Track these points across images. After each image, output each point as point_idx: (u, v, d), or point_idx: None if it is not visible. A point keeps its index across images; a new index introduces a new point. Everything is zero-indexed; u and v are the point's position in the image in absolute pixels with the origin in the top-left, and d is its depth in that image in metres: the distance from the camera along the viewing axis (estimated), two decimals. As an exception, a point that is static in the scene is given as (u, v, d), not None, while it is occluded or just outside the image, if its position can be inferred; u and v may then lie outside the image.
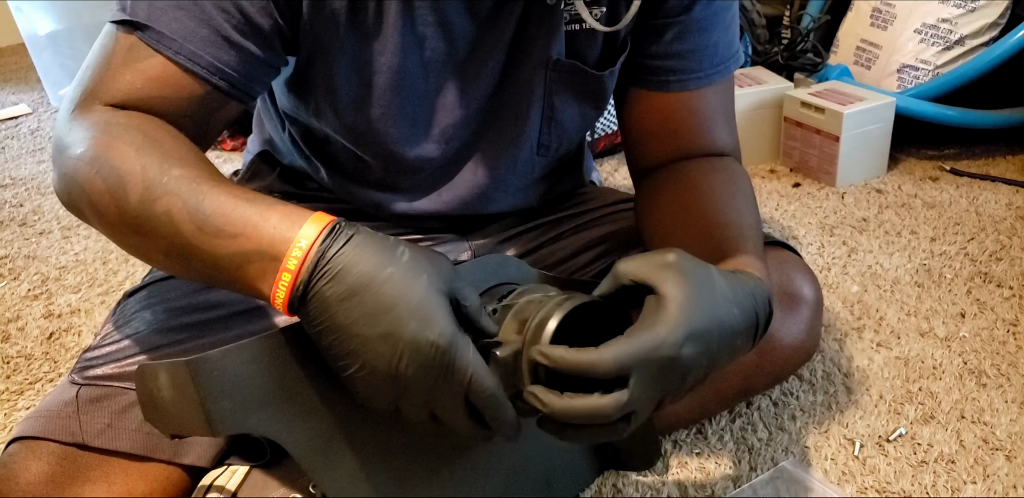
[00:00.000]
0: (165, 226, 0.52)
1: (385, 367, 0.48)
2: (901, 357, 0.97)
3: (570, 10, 0.68)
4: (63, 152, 0.57)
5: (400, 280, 0.48)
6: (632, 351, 0.48)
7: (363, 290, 0.47)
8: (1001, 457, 0.81)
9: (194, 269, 0.53)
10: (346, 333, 0.48)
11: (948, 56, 1.50)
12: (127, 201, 0.53)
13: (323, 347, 0.50)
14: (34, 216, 1.51)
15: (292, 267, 0.48)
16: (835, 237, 1.27)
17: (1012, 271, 1.14)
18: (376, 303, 0.47)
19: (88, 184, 0.54)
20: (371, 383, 0.49)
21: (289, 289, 0.48)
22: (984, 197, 1.37)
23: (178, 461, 0.66)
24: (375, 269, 0.48)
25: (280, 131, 0.81)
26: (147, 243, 0.54)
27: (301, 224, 0.49)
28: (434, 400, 0.50)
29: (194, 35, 0.58)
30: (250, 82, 0.62)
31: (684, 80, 0.73)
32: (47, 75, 2.09)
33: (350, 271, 0.48)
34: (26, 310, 1.19)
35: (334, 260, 0.48)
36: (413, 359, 0.47)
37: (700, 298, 0.50)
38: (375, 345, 0.47)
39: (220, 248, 0.51)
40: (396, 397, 0.50)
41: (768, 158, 1.57)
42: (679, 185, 0.73)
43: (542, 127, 0.75)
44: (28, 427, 0.64)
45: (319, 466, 0.55)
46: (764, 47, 1.64)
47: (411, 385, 0.48)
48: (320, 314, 0.48)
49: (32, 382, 1.02)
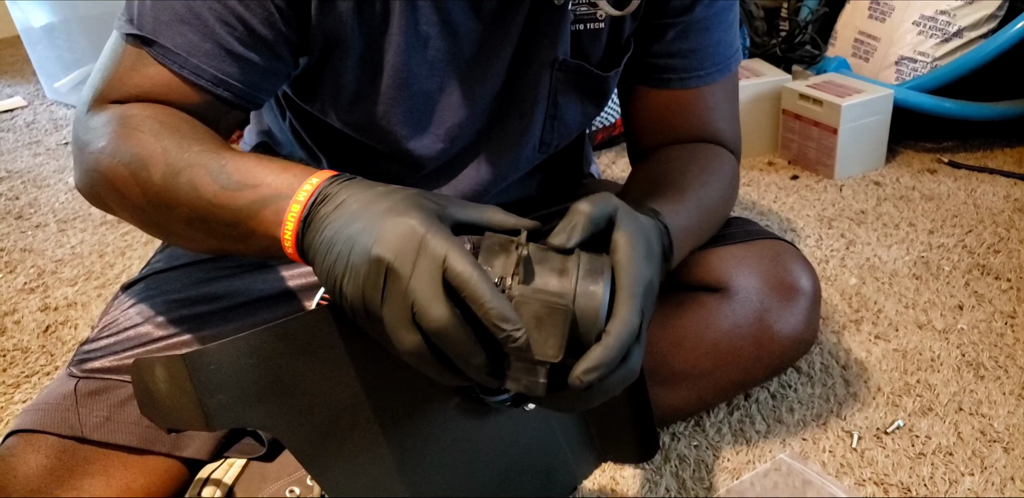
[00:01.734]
0: (187, 193, 0.54)
1: (363, 257, 0.45)
2: (899, 349, 0.97)
3: (575, 10, 0.69)
4: (83, 149, 0.59)
5: (391, 195, 0.50)
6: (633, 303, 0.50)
7: (356, 203, 0.49)
8: (999, 449, 0.81)
9: (214, 231, 0.55)
10: (335, 240, 0.48)
11: (946, 48, 1.50)
12: (150, 180, 0.55)
13: (320, 273, 0.49)
14: (30, 209, 1.51)
15: (301, 198, 0.51)
16: (833, 229, 1.27)
17: (1010, 263, 1.14)
18: (364, 208, 0.49)
19: (111, 172, 0.56)
20: (355, 285, 0.46)
21: (298, 218, 0.50)
22: (982, 189, 1.37)
23: (177, 454, 0.66)
24: (371, 191, 0.50)
25: (280, 121, 0.80)
26: (169, 215, 0.56)
27: (317, 172, 0.53)
28: (413, 290, 0.45)
29: (198, 49, 0.59)
30: (255, 91, 0.63)
31: (686, 78, 0.75)
32: (42, 68, 2.08)
33: (349, 194, 0.50)
34: (22, 303, 1.18)
35: (337, 189, 0.51)
36: (387, 240, 0.45)
37: (641, 232, 0.55)
38: (357, 239, 0.47)
39: (240, 199, 0.53)
40: (378, 296, 0.46)
41: (766, 150, 1.57)
42: (655, 161, 0.76)
43: (545, 126, 0.76)
44: (26, 420, 0.64)
45: (316, 460, 0.55)
46: (762, 39, 1.64)
47: (388, 274, 0.45)
48: (318, 233, 0.50)
49: (28, 375, 1.02)
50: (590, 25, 0.70)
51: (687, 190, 0.69)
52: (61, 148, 1.81)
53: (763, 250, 0.79)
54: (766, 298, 0.77)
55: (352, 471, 0.57)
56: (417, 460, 0.62)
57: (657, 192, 0.67)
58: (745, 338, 0.76)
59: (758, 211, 1.35)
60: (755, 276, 0.76)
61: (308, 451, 0.55)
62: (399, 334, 0.46)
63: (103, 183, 0.57)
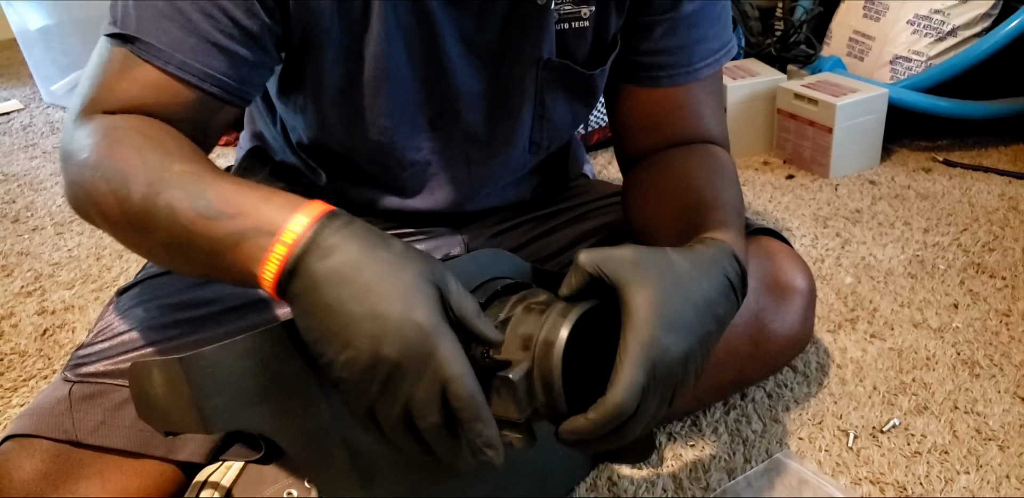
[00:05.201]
0: (166, 218, 0.52)
1: (368, 348, 0.46)
2: (895, 348, 0.97)
3: (560, 9, 0.68)
4: (68, 160, 0.58)
5: (391, 264, 0.48)
6: (632, 380, 0.49)
7: (353, 270, 0.47)
8: (994, 447, 0.81)
9: (193, 258, 0.53)
10: (331, 311, 0.47)
11: (941, 47, 1.50)
12: (130, 199, 0.53)
13: (306, 329, 0.49)
14: (27, 212, 1.51)
15: (288, 240, 0.48)
16: (829, 229, 1.27)
17: (1004, 261, 1.14)
18: (365, 283, 0.47)
19: (92, 187, 0.55)
20: (351, 368, 0.47)
21: (282, 263, 0.48)
22: (977, 188, 1.37)
23: (172, 457, 0.66)
24: (367, 251, 0.48)
25: (272, 127, 0.80)
26: (149, 238, 0.54)
27: (302, 207, 0.50)
28: (411, 394, 0.47)
29: (182, 44, 0.59)
30: (243, 86, 0.63)
31: (674, 75, 0.73)
32: (38, 70, 2.08)
33: (344, 250, 0.48)
34: (19, 307, 1.18)
35: (329, 239, 0.48)
36: (396, 340, 0.46)
37: (663, 289, 0.51)
38: (360, 324, 0.46)
39: (218, 229, 0.51)
40: (375, 387, 0.48)
41: (761, 150, 1.57)
42: (661, 170, 0.74)
43: (534, 126, 0.75)
44: (21, 425, 0.64)
45: (313, 462, 0.55)
46: (757, 39, 1.64)
47: (392, 373, 0.47)
48: (307, 291, 0.48)
49: (26, 379, 1.02)
50: (575, 24, 0.70)
51: (725, 207, 0.66)
52: (58, 151, 1.81)
53: (758, 249, 0.79)
54: (761, 297, 0.77)
55: (349, 473, 0.57)
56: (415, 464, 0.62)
57: (701, 213, 0.65)
58: (741, 337, 0.77)
59: (754, 211, 1.35)
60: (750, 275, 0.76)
61: (305, 453, 0.55)
62: (389, 424, 0.49)
63: (85, 196, 0.56)
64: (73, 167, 0.57)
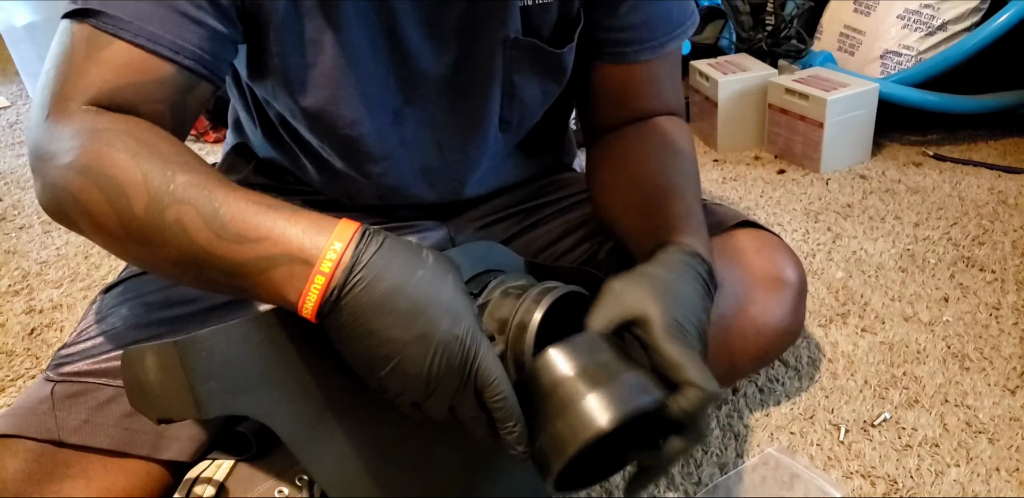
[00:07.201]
0: (177, 235, 0.50)
1: (418, 369, 0.49)
2: (885, 342, 0.97)
3: None
4: (47, 162, 0.54)
5: (430, 282, 0.49)
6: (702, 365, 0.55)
7: (396, 294, 0.48)
8: (984, 440, 0.81)
9: (206, 277, 0.52)
10: (380, 338, 0.48)
11: (930, 42, 1.50)
12: (131, 212, 0.51)
13: (352, 353, 0.50)
14: (14, 211, 1.50)
15: (327, 270, 0.48)
16: (820, 223, 1.27)
17: (994, 255, 1.14)
18: (410, 306, 0.48)
19: (83, 194, 0.52)
20: (398, 385, 0.50)
21: (322, 293, 0.48)
22: (967, 182, 1.37)
23: (158, 456, 0.65)
24: (407, 273, 0.49)
25: (253, 125, 0.79)
26: (154, 253, 0.52)
27: (331, 229, 0.49)
28: (456, 397, 0.51)
29: (151, 15, 0.56)
30: (216, 59, 0.60)
31: (640, 51, 0.73)
32: (25, 67, 2.06)
33: (383, 276, 0.48)
34: (6, 306, 1.17)
35: (368, 266, 0.48)
36: (443, 359, 0.49)
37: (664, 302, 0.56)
38: (410, 348, 0.48)
39: (241, 253, 0.49)
40: (423, 397, 0.51)
41: (753, 145, 1.57)
42: (621, 158, 0.75)
43: (503, 104, 0.74)
44: (3, 425, 0.63)
45: (307, 448, 0.55)
46: (748, 34, 1.64)
47: (439, 385, 0.50)
48: (354, 321, 0.48)
49: (14, 379, 1.01)
50: (538, 0, 0.69)
51: (684, 195, 0.69)
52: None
53: (747, 241, 0.78)
54: (751, 290, 0.77)
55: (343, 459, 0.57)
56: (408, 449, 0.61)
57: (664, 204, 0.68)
58: (730, 330, 0.76)
59: (745, 206, 1.35)
60: (740, 267, 0.76)
61: (299, 439, 0.54)
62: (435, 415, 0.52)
63: (72, 204, 0.53)
64: (55, 170, 0.54)
